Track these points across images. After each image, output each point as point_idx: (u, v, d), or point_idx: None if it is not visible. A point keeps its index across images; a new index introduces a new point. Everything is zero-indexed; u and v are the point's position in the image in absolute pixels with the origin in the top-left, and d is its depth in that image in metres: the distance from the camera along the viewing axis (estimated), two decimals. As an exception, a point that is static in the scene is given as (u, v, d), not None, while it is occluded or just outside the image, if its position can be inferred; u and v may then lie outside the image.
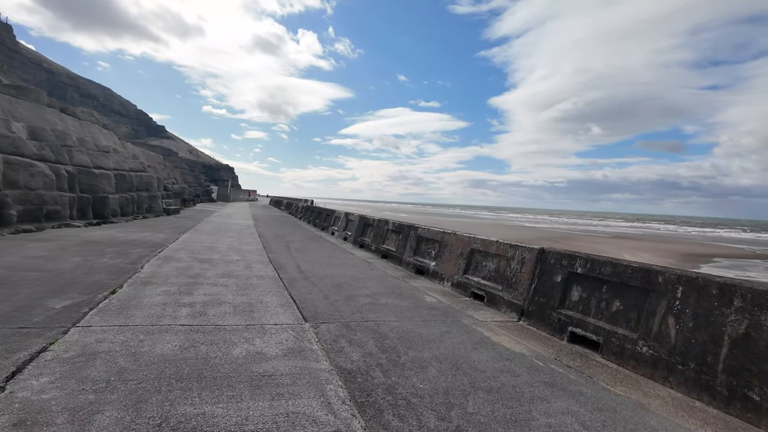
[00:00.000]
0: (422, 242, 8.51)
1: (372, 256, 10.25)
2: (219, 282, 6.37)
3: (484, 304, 5.99)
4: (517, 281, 5.58)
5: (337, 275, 7.57)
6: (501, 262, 6.09)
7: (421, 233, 8.52)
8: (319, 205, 30.18)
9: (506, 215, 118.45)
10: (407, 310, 5.44)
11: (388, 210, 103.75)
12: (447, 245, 7.49)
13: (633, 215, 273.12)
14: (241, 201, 51.25)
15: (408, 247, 8.89)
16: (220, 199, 43.84)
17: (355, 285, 6.81)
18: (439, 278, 7.37)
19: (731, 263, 33.08)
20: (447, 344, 4.18)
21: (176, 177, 31.36)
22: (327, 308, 5.26)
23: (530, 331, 4.87)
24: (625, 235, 54.71)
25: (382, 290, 6.55)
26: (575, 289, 4.73)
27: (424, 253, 8.34)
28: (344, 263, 9.01)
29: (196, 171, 45.62)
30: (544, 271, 5.19)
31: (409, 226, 9.21)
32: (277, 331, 4.24)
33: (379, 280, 7.40)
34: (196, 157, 55.53)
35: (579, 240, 44.23)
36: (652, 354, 3.68)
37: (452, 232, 7.51)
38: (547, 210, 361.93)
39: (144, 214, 18.42)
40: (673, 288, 3.68)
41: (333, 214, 15.75)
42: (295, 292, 6.05)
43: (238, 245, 10.72)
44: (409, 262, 8.62)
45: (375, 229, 11.11)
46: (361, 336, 4.26)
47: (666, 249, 40.07)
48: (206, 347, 3.70)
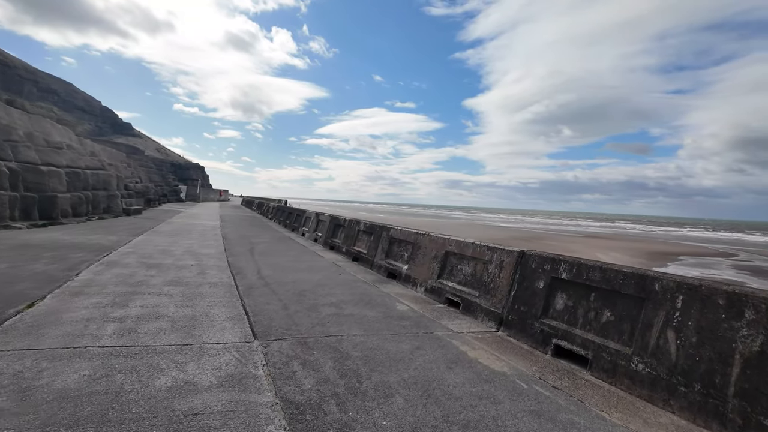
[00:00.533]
0: (395, 244, 7.94)
1: (342, 259, 9.61)
2: (163, 291, 5.61)
3: (460, 312, 5.46)
4: (496, 287, 5.07)
5: (301, 281, 6.90)
6: (478, 265, 5.58)
7: (394, 234, 7.95)
8: (291, 206, 29.27)
9: (480, 215, 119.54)
10: (375, 321, 4.85)
11: (364, 210, 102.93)
12: (420, 247, 6.94)
13: (603, 215, 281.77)
14: (212, 201, 49.51)
15: (380, 250, 8.30)
16: (189, 199, 42.17)
17: (320, 292, 6.16)
18: (412, 283, 6.81)
19: (697, 261, 34.01)
20: (418, 363, 3.60)
21: (141, 176, 29.81)
22: (283, 321, 4.61)
23: (510, 344, 4.35)
24: (596, 234, 55.84)
25: (349, 298, 5.93)
26: (560, 296, 4.25)
27: (396, 255, 7.77)
28: (311, 267, 8.34)
29: (163, 170, 43.76)
30: (525, 277, 4.70)
31: (380, 226, 8.62)
32: (218, 353, 3.57)
33: (347, 286, 6.78)
34: (164, 155, 53.41)
35: (552, 239, 44.79)
36: (650, 372, 3.21)
37: (426, 233, 6.97)
38: (521, 210, 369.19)
39: (101, 214, 17.18)
40: (672, 297, 3.22)
41: (304, 215, 15.01)
42: (249, 302, 5.36)
43: (197, 248, 9.88)
44: (381, 265, 8.03)
45: (346, 230, 10.48)
46: (319, 356, 3.63)
47: (635, 248, 40.95)
48: (123, 377, 3.00)
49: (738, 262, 34.46)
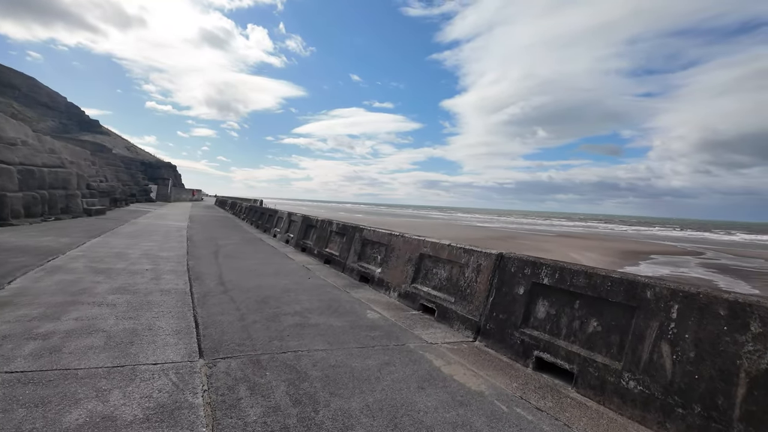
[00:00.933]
0: (367, 246, 7.49)
1: (313, 262, 9.10)
2: (106, 300, 5.00)
3: (435, 319, 5.06)
4: (473, 292, 4.68)
5: (265, 286, 6.37)
6: (454, 269, 5.19)
7: (367, 235, 7.51)
8: (265, 206, 28.45)
9: (458, 215, 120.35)
10: (342, 332, 4.39)
11: (342, 211, 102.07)
12: (394, 249, 6.52)
13: (576, 215, 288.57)
14: (184, 201, 47.91)
15: (352, 252, 7.84)
16: (159, 198, 40.63)
17: (285, 299, 5.66)
18: (385, 287, 6.38)
19: (666, 260, 34.86)
20: (386, 383, 3.17)
21: (107, 175, 28.42)
22: (238, 334, 4.10)
23: (488, 356, 3.97)
24: (569, 233, 56.76)
25: (316, 305, 5.45)
26: (541, 303, 3.89)
27: (369, 258, 7.33)
28: (279, 271, 7.80)
29: (133, 169, 42.05)
30: (504, 281, 4.33)
31: (353, 227, 8.16)
32: (153, 376, 3.05)
33: (315, 291, 6.29)
34: (134, 154, 51.42)
35: (526, 239, 45.23)
36: (642, 391, 2.86)
37: (400, 234, 6.55)
38: (497, 210, 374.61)
39: (58, 215, 16.09)
40: (666, 306, 2.89)
41: (276, 215, 14.39)
42: (203, 312, 4.82)
43: (157, 251, 9.19)
44: (353, 268, 7.57)
45: (318, 230, 9.97)
46: (272, 377, 3.15)
47: (607, 247, 41.74)
48: (26, 412, 2.45)
49: (705, 260, 35.49)
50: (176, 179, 53.48)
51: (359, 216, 79.65)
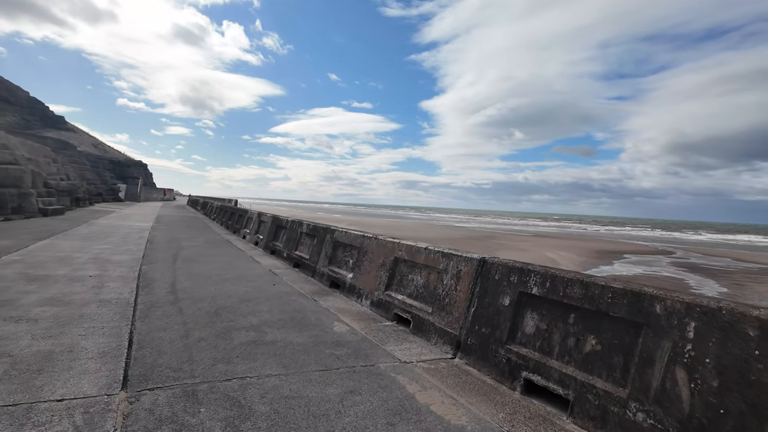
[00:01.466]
0: (339, 249, 6.90)
1: (282, 265, 8.44)
2: (28, 315, 4.26)
3: (410, 331, 4.52)
4: (452, 302, 4.16)
5: (223, 294, 5.71)
6: (431, 275, 4.66)
7: (338, 237, 6.91)
8: (238, 206, 27.45)
9: (436, 215, 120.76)
10: (303, 350, 3.79)
11: (321, 211, 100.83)
12: (367, 253, 5.95)
13: (551, 215, 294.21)
14: (155, 201, 46.05)
15: (323, 255, 7.23)
16: (128, 198, 38.87)
17: (242, 310, 5.02)
18: (357, 294, 5.80)
19: (639, 259, 35.49)
20: (348, 420, 2.59)
21: (69, 173, 26.84)
22: (177, 356, 3.45)
23: (470, 377, 3.45)
24: (545, 233, 57.44)
25: (277, 317, 4.82)
26: (530, 316, 3.39)
27: (341, 262, 6.73)
28: (241, 276, 7.12)
29: (100, 167, 40.12)
30: (487, 290, 3.82)
31: (324, 228, 7.55)
32: (50, 419, 2.39)
33: (278, 299, 5.66)
34: (102, 152, 49.18)
35: (504, 239, 45.46)
36: (654, 425, 2.39)
37: (373, 236, 5.99)
38: (475, 210, 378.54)
39: (8, 215, 14.86)
40: (680, 323, 2.42)
41: (245, 215, 13.60)
42: (142, 327, 4.14)
43: (109, 255, 8.35)
44: (324, 273, 6.96)
45: (288, 232, 9.30)
46: (207, 416, 2.54)
47: (582, 246, 42.29)
48: None
49: (676, 259, 36.31)
50: (147, 178, 51.36)
51: (337, 216, 78.56)
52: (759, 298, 21.21)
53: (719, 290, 24.15)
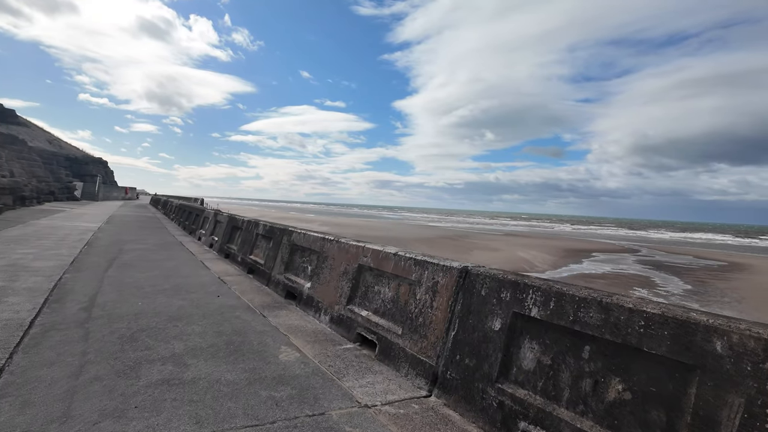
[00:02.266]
0: (297, 253, 5.94)
1: (235, 271, 7.40)
2: None
3: (376, 357, 3.64)
4: (427, 322, 3.31)
5: (150, 311, 4.66)
6: (401, 287, 3.79)
7: (296, 240, 5.95)
8: (205, 205, 25.90)
9: (409, 215, 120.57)
10: (231, 393, 2.84)
11: (294, 210, 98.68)
12: (327, 258, 5.03)
13: (521, 214, 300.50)
14: (115, 200, 43.36)
15: (279, 260, 6.25)
16: (85, 197, 36.31)
17: (168, 332, 4.00)
18: (315, 308, 4.88)
19: (607, 257, 35.94)
20: None
21: (13, 169, 24.57)
22: (47, 409, 2.43)
23: (451, 425, 2.60)
24: (516, 233, 57.82)
25: (210, 341, 3.84)
26: (528, 347, 2.57)
27: (298, 268, 5.78)
28: (182, 286, 6.06)
29: (54, 164, 37.37)
30: (471, 309, 2.98)
31: (281, 229, 6.56)
32: None
33: (219, 316, 4.66)
34: (58, 148, 45.99)
35: (476, 238, 45.29)
36: None
37: (334, 238, 5.07)
38: (448, 210, 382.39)
39: (-71, 215, 13.07)
40: (756, 369, 1.64)
41: (202, 215, 12.39)
42: (22, 361, 3.08)
43: (30, 260, 7.07)
44: (279, 281, 5.99)
45: (244, 233, 8.24)
46: None
47: (552, 245, 42.60)
48: None
49: (641, 257, 37.01)
50: (107, 176, 48.32)
51: (310, 216, 76.71)
52: (720, 295, 21.56)
53: (684, 287, 24.48)
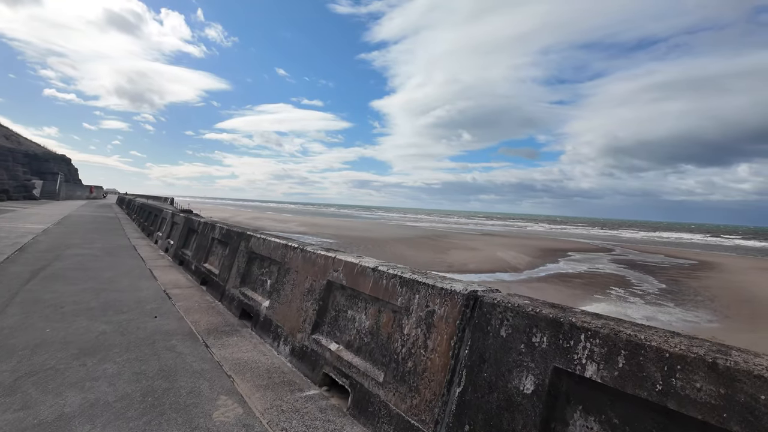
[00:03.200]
0: (255, 262, 4.88)
1: (187, 282, 6.25)
2: None
3: (348, 410, 2.65)
4: (419, 369, 2.34)
5: (58, 340, 3.53)
6: (383, 315, 2.82)
7: (255, 247, 4.89)
8: (170, 204, 24.26)
9: (388, 215, 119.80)
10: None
11: (270, 210, 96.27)
12: (290, 271, 4.00)
13: (497, 214, 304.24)
14: (78, 199, 40.66)
15: (235, 270, 5.17)
16: (45, 196, 33.78)
17: (69, 374, 2.90)
18: (273, 334, 3.84)
19: (583, 257, 35.97)
20: None
21: (-42, 165, 22.35)
22: None
23: None
24: (493, 232, 57.73)
25: (121, 390, 2.76)
26: (583, 424, 1.64)
27: (256, 281, 4.73)
28: (114, 302, 4.90)
29: (10, 161, 34.66)
30: (486, 357, 2.03)
31: (239, 233, 5.47)
32: None
33: (147, 348, 3.57)
34: (16, 144, 42.87)
35: (455, 238, 44.76)
36: None
37: (299, 246, 4.04)
38: (425, 210, 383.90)
39: None
40: None
41: (160, 215, 11.08)
42: None
43: (-72, 272, 5.75)
44: (234, 296, 4.91)
45: (199, 237, 7.08)
46: None
47: (529, 245, 42.48)
48: None
49: (616, 256, 37.23)
50: (71, 174, 45.32)
51: (287, 216, 74.67)
52: (693, 294, 21.54)
53: (658, 286, 24.48)
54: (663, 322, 14.91)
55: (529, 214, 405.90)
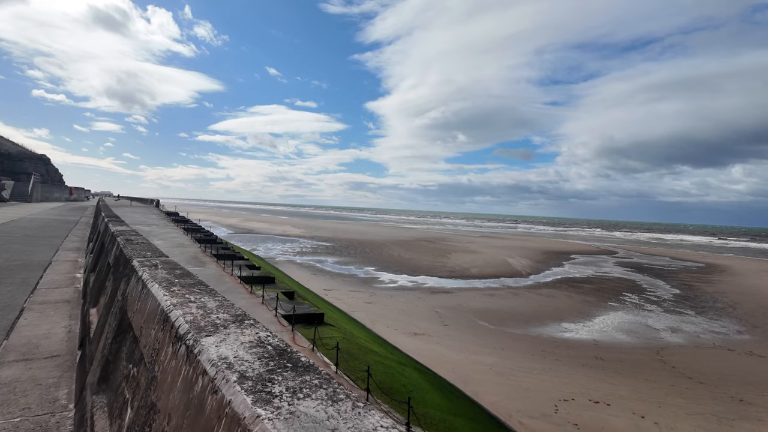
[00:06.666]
0: (128, 337, 2.71)
1: (52, 349, 4.18)
2: None
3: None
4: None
5: None
6: None
7: (131, 299, 2.71)
8: (155, 206, 22.28)
9: (384, 217, 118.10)
10: None
11: (266, 213, 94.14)
12: (156, 405, 1.78)
13: (494, 216, 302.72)
14: (57, 201, 38.30)
15: (103, 343, 2.87)
16: (16, 198, 31.42)
17: None
18: None
19: (587, 259, 34.22)
20: None
21: None
22: None
23: None
24: (491, 234, 56.00)
25: None
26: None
27: (119, 387, 2.38)
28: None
29: (-19, 160, 32.41)
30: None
31: (126, 260, 3.29)
32: None
33: None
34: (-8, 143, 40.52)
35: (453, 240, 42.87)
36: None
37: (188, 341, 2.01)
38: (421, 211, 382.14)
39: None
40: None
41: (98, 219, 9.01)
42: None
43: None
44: (85, 412, 2.80)
45: (104, 256, 4.96)
46: None
47: (530, 247, 40.73)
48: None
49: (620, 259, 35.47)
50: (50, 175, 42.77)
51: (283, 218, 72.46)
52: (712, 300, 19.73)
53: (672, 292, 22.69)
54: (690, 334, 12.93)
55: (526, 216, 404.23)
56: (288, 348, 1.15)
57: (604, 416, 6.55)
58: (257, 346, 1.15)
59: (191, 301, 1.63)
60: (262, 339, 1.21)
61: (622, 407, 6.80)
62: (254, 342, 1.18)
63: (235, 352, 1.09)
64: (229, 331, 1.27)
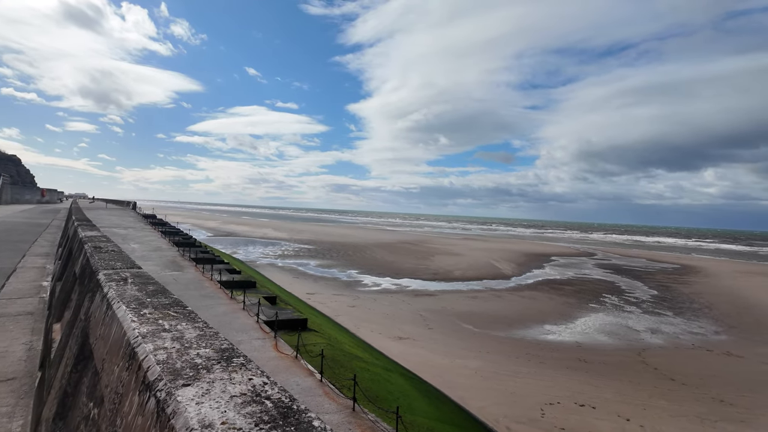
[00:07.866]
0: (90, 366, 2.55)
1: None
2: None
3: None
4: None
5: None
6: None
7: (93, 321, 2.50)
8: (132, 208, 21.56)
9: (366, 219, 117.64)
10: None
11: (247, 215, 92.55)
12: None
13: (475, 218, 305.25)
14: (27, 203, 36.74)
15: (62, 370, 2.71)
16: (-17, 200, 30.03)
17: None
18: None
19: (567, 261, 34.67)
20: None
21: None
22: None
23: None
24: (472, 236, 56.40)
25: None
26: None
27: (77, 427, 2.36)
28: None
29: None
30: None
31: (91, 271, 3.05)
32: None
33: None
34: (-41, 143, 38.52)
35: (435, 242, 42.92)
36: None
37: None
38: (403, 214, 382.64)
39: None
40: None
41: (69, 222, 8.63)
42: None
43: None
44: None
45: (71, 263, 4.70)
46: None
47: (510, 249, 41.11)
48: None
49: (599, 261, 36.07)
50: (20, 176, 40.96)
51: (263, 221, 71.21)
52: (689, 301, 20.15)
53: (651, 293, 23.09)
54: (669, 335, 13.04)
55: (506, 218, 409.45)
56: (293, 404, 0.95)
57: (590, 420, 6.51)
58: (252, 401, 0.95)
59: (165, 329, 1.42)
60: (257, 390, 1.01)
61: (607, 410, 6.78)
62: (248, 395, 0.98)
63: (223, 415, 0.88)
64: (213, 376, 1.07)
